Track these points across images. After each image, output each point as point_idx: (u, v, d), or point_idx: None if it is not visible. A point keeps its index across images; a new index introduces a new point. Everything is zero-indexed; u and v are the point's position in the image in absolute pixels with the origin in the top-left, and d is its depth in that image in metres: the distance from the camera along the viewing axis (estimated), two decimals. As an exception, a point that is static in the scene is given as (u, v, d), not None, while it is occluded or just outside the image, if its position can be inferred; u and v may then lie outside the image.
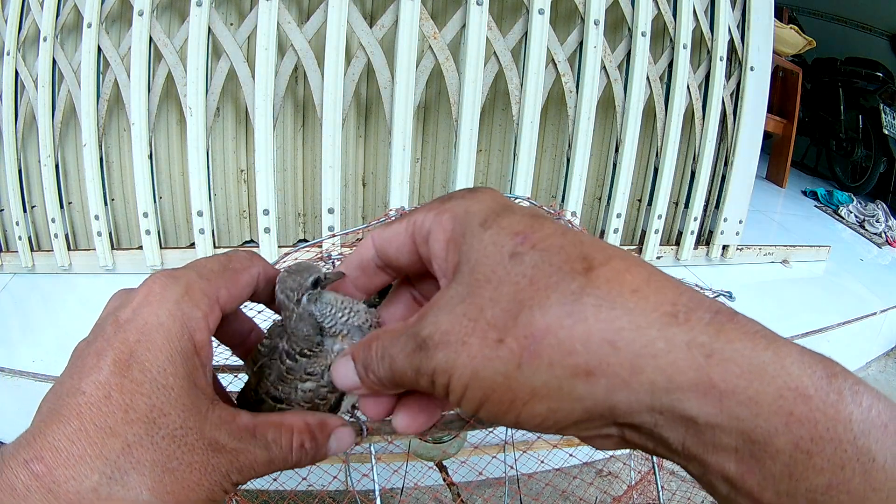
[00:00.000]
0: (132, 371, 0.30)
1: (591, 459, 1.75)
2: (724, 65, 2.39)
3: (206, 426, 0.32)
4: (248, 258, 0.39)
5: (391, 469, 1.46)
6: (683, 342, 0.23)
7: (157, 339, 0.31)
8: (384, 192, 2.25)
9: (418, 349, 0.28)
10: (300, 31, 1.95)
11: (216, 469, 0.32)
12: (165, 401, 0.31)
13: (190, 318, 0.33)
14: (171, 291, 0.33)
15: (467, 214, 0.30)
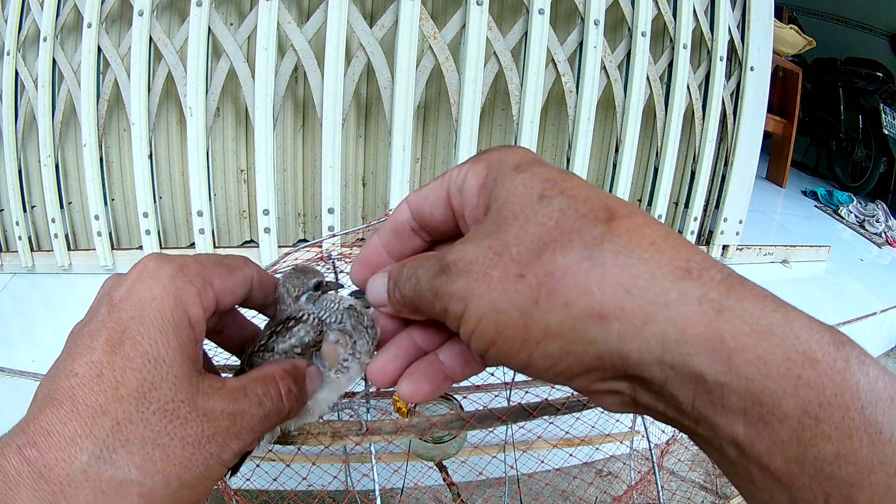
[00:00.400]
0: (124, 347, 0.30)
1: (592, 459, 1.75)
2: (724, 65, 2.39)
3: (198, 397, 0.32)
4: (243, 260, 0.39)
5: (391, 469, 1.46)
6: (695, 296, 0.24)
7: (149, 312, 0.31)
8: (384, 192, 2.25)
9: (441, 272, 0.29)
10: (300, 31, 1.95)
11: (212, 440, 0.32)
12: (156, 374, 0.30)
13: (184, 292, 0.32)
14: (165, 268, 0.33)
15: (501, 163, 0.30)
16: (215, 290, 0.35)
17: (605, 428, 1.70)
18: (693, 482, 1.80)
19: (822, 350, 0.23)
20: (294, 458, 1.27)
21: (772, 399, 0.22)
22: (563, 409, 0.96)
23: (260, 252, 2.09)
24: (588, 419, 1.54)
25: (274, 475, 1.29)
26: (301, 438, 0.90)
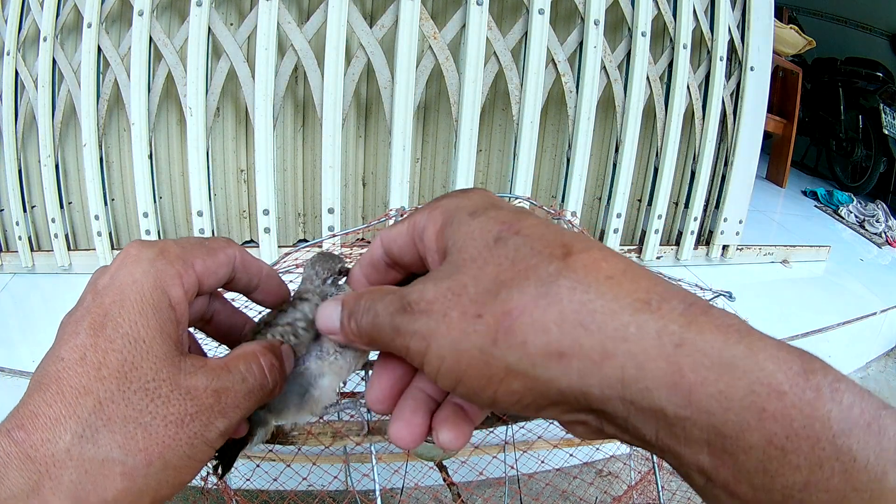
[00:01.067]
0: (106, 330, 0.31)
1: (592, 459, 1.75)
2: (724, 65, 2.39)
3: (180, 376, 0.32)
4: (225, 241, 0.39)
5: (391, 469, 1.46)
6: (654, 329, 0.24)
7: (130, 295, 0.32)
8: (384, 192, 2.25)
9: (402, 310, 0.29)
10: (300, 31, 1.95)
11: (196, 418, 0.32)
12: (137, 353, 0.31)
13: (164, 273, 0.33)
14: (146, 252, 0.33)
15: (457, 209, 0.31)
16: (197, 271, 0.35)
17: (606, 428, 1.70)
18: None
19: (790, 381, 0.23)
20: (294, 459, 1.27)
21: (734, 432, 0.22)
22: (564, 409, 0.96)
23: (260, 252, 2.09)
24: (588, 419, 1.54)
25: (274, 475, 1.29)
26: (301, 438, 0.90)
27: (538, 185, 2.51)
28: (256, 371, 0.35)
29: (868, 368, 2.59)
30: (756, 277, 2.67)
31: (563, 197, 2.29)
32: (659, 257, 2.55)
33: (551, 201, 2.47)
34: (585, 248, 0.26)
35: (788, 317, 2.35)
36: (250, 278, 0.42)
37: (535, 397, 0.26)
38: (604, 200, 2.45)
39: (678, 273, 2.42)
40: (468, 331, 0.26)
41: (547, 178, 2.54)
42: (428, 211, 0.32)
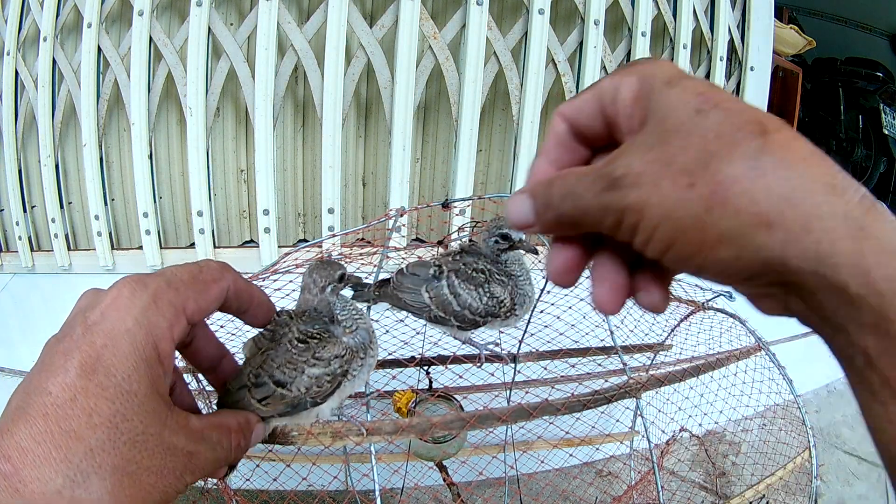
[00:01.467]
0: (98, 375, 0.32)
1: (592, 459, 1.75)
2: (724, 65, 2.39)
3: (165, 431, 0.34)
4: (218, 270, 0.41)
5: (391, 469, 1.46)
6: (842, 212, 0.25)
7: (123, 345, 0.33)
8: (384, 191, 2.25)
9: (609, 188, 0.29)
10: (300, 31, 1.95)
11: (171, 471, 0.35)
12: (129, 407, 0.33)
13: (156, 327, 0.35)
14: (139, 298, 0.35)
15: (653, 76, 0.31)
16: (188, 314, 0.37)
17: (605, 428, 1.70)
18: (693, 482, 1.80)
19: None
20: (294, 459, 1.27)
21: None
22: (563, 410, 0.96)
23: (260, 252, 2.09)
24: (588, 419, 1.54)
25: (274, 475, 1.29)
26: (301, 439, 0.90)
27: (538, 185, 2.51)
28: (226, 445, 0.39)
29: (868, 368, 2.58)
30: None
31: (563, 197, 2.29)
32: (659, 257, 2.55)
33: (551, 201, 2.47)
34: (778, 128, 0.27)
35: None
36: (241, 304, 0.44)
37: (741, 267, 0.27)
38: (604, 200, 2.45)
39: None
40: (682, 199, 0.27)
41: (547, 178, 2.53)
42: (621, 76, 0.32)
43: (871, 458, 2.10)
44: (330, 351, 0.65)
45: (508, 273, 1.03)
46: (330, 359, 0.63)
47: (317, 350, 0.67)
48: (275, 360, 0.69)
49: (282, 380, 0.69)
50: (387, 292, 1.05)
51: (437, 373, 1.27)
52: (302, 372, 0.64)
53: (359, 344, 0.71)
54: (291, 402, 0.72)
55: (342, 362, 0.67)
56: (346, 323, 0.70)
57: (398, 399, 1.22)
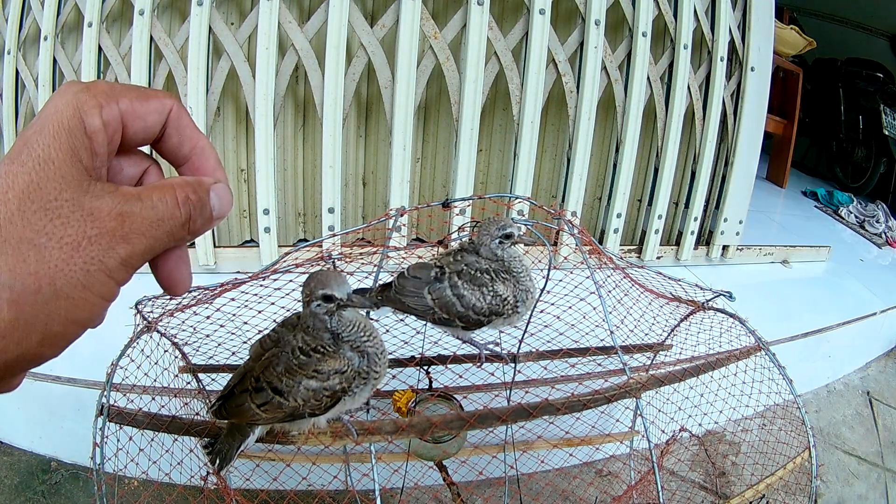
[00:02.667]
0: (21, 156, 0.30)
1: (591, 459, 1.75)
2: (724, 65, 2.39)
3: (84, 197, 0.31)
4: (164, 92, 0.38)
5: (391, 469, 1.46)
6: None
7: (49, 122, 0.31)
8: (384, 191, 2.25)
9: None
10: (301, 31, 1.95)
11: (94, 242, 0.31)
12: (43, 174, 0.30)
13: (83, 103, 0.32)
14: (73, 86, 0.33)
15: None
16: (121, 108, 0.34)
17: (605, 428, 1.71)
18: (693, 482, 1.80)
19: None
20: (294, 458, 1.27)
21: None
22: (563, 409, 0.96)
23: (260, 251, 2.09)
24: (588, 419, 1.54)
25: (274, 475, 1.29)
26: (301, 438, 0.91)
27: (538, 185, 2.51)
28: (169, 201, 0.34)
29: (868, 368, 2.59)
30: (756, 278, 2.67)
31: (563, 197, 2.29)
32: (659, 257, 2.55)
33: (551, 201, 2.47)
34: None
35: (788, 317, 2.35)
36: (182, 142, 0.40)
37: None
38: (604, 200, 2.45)
39: (678, 273, 2.42)
40: None
41: (547, 178, 2.54)
42: None
43: (871, 458, 2.10)
44: (330, 365, 0.64)
45: (509, 270, 1.03)
46: (329, 373, 0.62)
47: (318, 363, 0.66)
48: (276, 367, 0.68)
49: (280, 388, 0.68)
50: (389, 296, 1.05)
51: (437, 372, 1.27)
52: (299, 383, 0.63)
53: (363, 363, 0.70)
54: (289, 412, 0.71)
55: (342, 379, 0.66)
56: (353, 343, 0.69)
57: (398, 399, 1.22)
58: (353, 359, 0.69)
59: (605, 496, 1.69)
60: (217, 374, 1.33)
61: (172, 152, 0.40)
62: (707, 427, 1.60)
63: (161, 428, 0.95)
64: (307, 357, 0.64)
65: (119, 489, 1.51)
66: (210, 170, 0.40)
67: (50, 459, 1.71)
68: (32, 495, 1.62)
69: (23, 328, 0.29)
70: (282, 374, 0.63)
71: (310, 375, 0.66)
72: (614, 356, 1.23)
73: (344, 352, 0.68)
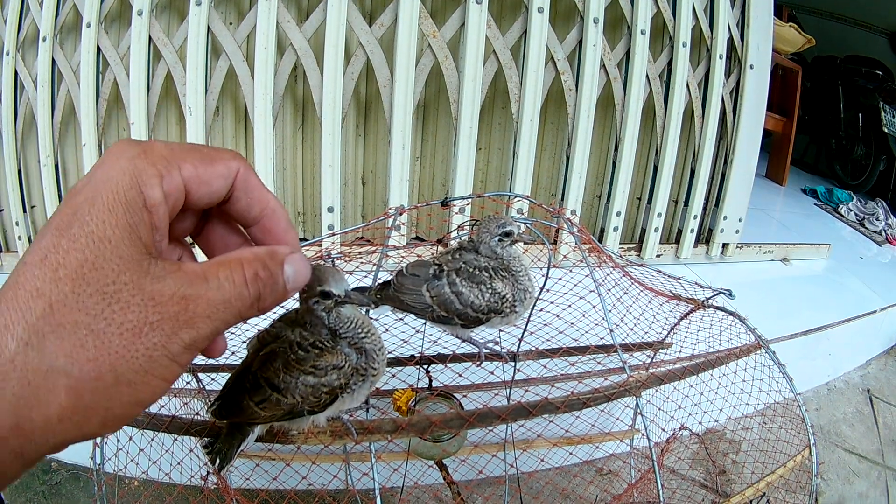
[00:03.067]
0: (72, 229, 0.28)
1: (592, 458, 1.75)
2: (723, 63, 2.38)
3: (145, 279, 0.28)
4: (230, 152, 0.35)
5: (391, 468, 1.46)
6: None
7: (102, 192, 0.29)
8: (384, 190, 2.25)
9: None
10: (299, 30, 1.94)
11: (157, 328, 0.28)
12: (99, 254, 0.28)
13: (142, 173, 0.29)
14: (127, 150, 0.30)
15: None
16: (184, 176, 0.31)
17: (606, 426, 1.70)
18: (693, 480, 1.80)
19: None
20: (294, 458, 1.27)
21: None
22: (563, 408, 0.96)
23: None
24: (588, 418, 1.54)
25: (274, 474, 1.29)
26: (300, 437, 0.90)
27: (538, 184, 2.51)
28: (237, 279, 0.31)
29: (868, 366, 2.59)
30: (756, 275, 2.67)
31: (562, 195, 2.29)
32: (659, 255, 2.55)
33: (551, 199, 2.47)
34: None
35: (788, 315, 2.35)
36: (251, 205, 0.36)
37: None
38: (603, 199, 2.45)
39: (678, 271, 2.42)
40: None
41: (547, 176, 2.53)
42: None
43: (872, 456, 2.10)
44: (328, 360, 0.64)
45: (508, 269, 1.03)
46: (327, 368, 0.62)
47: (315, 359, 0.66)
48: (274, 362, 0.68)
49: (277, 385, 0.68)
50: (388, 294, 1.05)
51: (437, 371, 1.27)
52: (297, 379, 0.63)
53: (361, 361, 0.70)
54: (288, 410, 0.71)
55: (340, 375, 0.66)
56: (351, 340, 0.68)
57: (398, 398, 1.22)
58: (350, 355, 0.68)
59: (606, 495, 1.69)
60: (216, 374, 1.32)
61: (241, 214, 0.37)
62: (707, 425, 1.60)
63: (161, 428, 0.95)
64: (305, 352, 0.64)
65: (119, 489, 1.51)
66: (281, 231, 0.37)
67: (50, 460, 1.71)
68: (33, 495, 1.62)
69: (82, 413, 0.28)
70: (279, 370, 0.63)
71: (307, 371, 0.66)
72: (614, 354, 1.23)
73: (341, 348, 0.68)
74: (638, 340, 1.43)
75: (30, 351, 0.26)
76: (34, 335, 0.26)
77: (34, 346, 0.26)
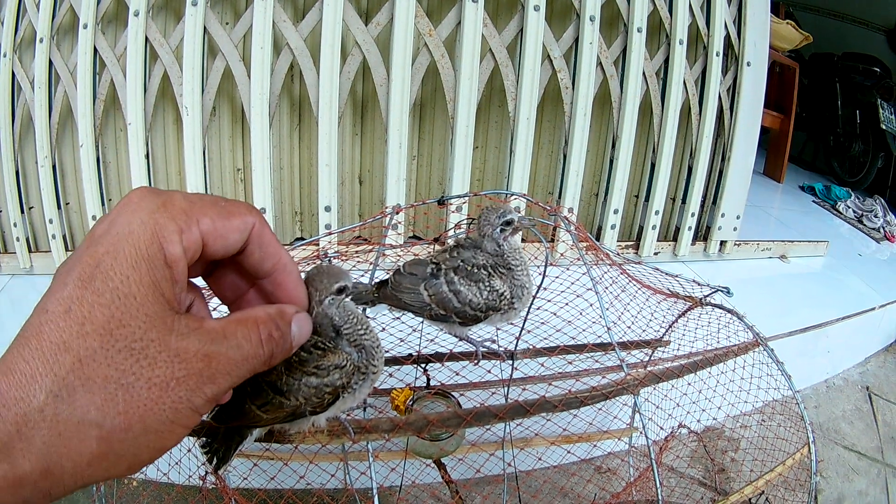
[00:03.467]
0: (95, 282, 0.29)
1: (590, 456, 1.75)
2: (720, 60, 2.38)
3: (171, 337, 0.30)
4: (246, 207, 0.36)
5: (389, 467, 1.46)
6: None
7: (125, 247, 0.30)
8: (381, 189, 2.25)
9: None
10: (295, 30, 1.94)
11: (182, 383, 0.30)
12: (125, 310, 0.29)
13: (163, 228, 0.31)
14: (147, 202, 0.31)
15: None
16: (202, 230, 0.33)
17: (604, 425, 1.70)
18: (692, 478, 1.80)
19: None
20: (292, 457, 1.27)
21: None
22: (561, 406, 0.96)
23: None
24: (586, 416, 1.54)
25: (272, 474, 1.29)
26: (298, 437, 0.90)
27: (535, 182, 2.51)
28: (254, 339, 0.34)
29: (867, 363, 2.59)
30: (754, 273, 2.67)
31: (559, 193, 2.29)
32: (656, 253, 2.55)
33: (548, 198, 2.47)
34: None
35: (787, 312, 2.35)
36: (264, 259, 0.38)
37: None
38: (601, 196, 2.45)
39: (676, 269, 2.42)
40: None
41: (544, 174, 2.53)
42: None
43: (871, 454, 2.10)
44: (330, 360, 0.64)
45: (507, 265, 1.03)
46: (330, 368, 0.62)
47: (318, 360, 0.65)
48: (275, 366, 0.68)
49: (280, 387, 0.68)
50: (386, 293, 1.05)
51: (435, 370, 1.26)
52: (300, 381, 0.62)
53: (361, 359, 0.70)
54: (290, 412, 0.71)
55: (342, 374, 0.65)
56: (351, 337, 0.68)
57: (395, 397, 1.22)
58: (351, 353, 0.68)
59: (604, 493, 1.69)
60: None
61: (253, 267, 0.39)
62: (706, 423, 1.60)
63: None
64: (307, 354, 0.64)
65: (118, 489, 1.51)
66: (292, 287, 0.40)
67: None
68: (31, 497, 1.61)
69: (112, 459, 0.29)
70: (281, 373, 0.62)
71: (310, 372, 0.66)
72: (612, 352, 1.23)
73: (342, 347, 0.68)
74: (636, 338, 1.43)
75: (59, 403, 0.27)
76: (64, 388, 0.28)
77: (64, 398, 0.28)
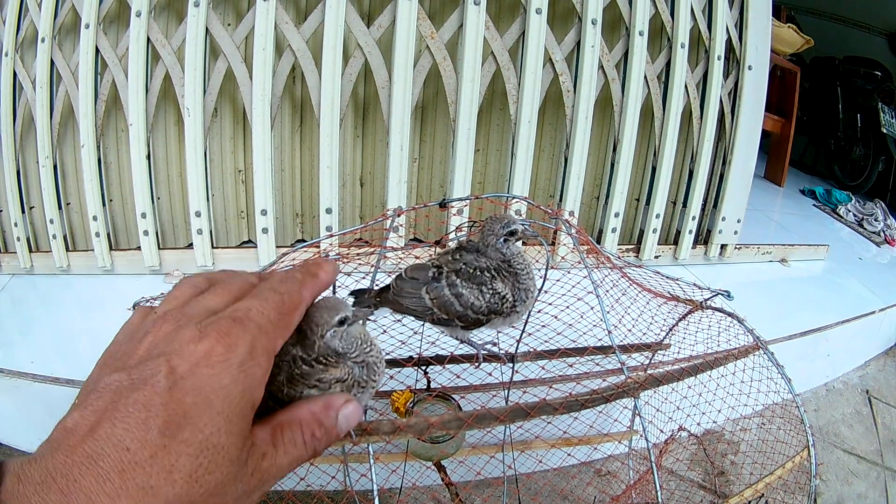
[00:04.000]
0: (183, 433, 0.30)
1: (590, 459, 1.75)
2: (721, 64, 2.39)
3: (244, 471, 0.33)
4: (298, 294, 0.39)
5: (389, 469, 1.46)
6: None
7: (216, 403, 0.32)
8: (382, 192, 2.25)
9: None
10: (297, 32, 1.95)
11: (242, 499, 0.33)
12: (214, 461, 0.31)
13: (252, 379, 0.33)
14: (235, 355, 0.33)
15: None
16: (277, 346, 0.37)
17: (604, 427, 1.70)
18: (692, 481, 1.80)
19: None
20: (292, 459, 1.27)
21: None
22: (561, 409, 0.96)
23: (258, 252, 2.09)
24: (586, 419, 1.54)
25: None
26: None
27: (536, 185, 2.51)
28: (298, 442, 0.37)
29: (867, 367, 2.59)
30: (754, 276, 2.67)
31: (560, 197, 2.29)
32: (657, 257, 2.55)
33: (549, 201, 2.47)
34: None
35: (787, 316, 2.35)
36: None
37: None
38: (602, 200, 2.45)
39: (676, 272, 2.43)
40: None
41: (545, 177, 2.54)
42: None
43: (870, 457, 2.10)
44: (332, 374, 0.64)
45: (511, 268, 1.03)
46: (332, 381, 0.62)
47: (321, 373, 0.66)
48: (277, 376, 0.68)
49: (282, 399, 0.68)
50: (387, 298, 1.05)
51: (435, 373, 1.26)
52: (301, 393, 0.63)
53: (363, 374, 0.70)
54: None
55: (343, 387, 0.66)
56: (357, 358, 0.69)
57: (396, 399, 1.22)
58: (353, 368, 0.69)
59: (604, 496, 1.69)
60: None
61: None
62: (706, 426, 1.60)
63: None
64: (310, 367, 0.64)
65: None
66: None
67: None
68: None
69: None
70: (283, 384, 0.62)
71: (311, 385, 0.66)
72: (612, 356, 1.23)
73: (345, 362, 0.68)
74: (636, 342, 1.43)
75: None
76: None
77: None
